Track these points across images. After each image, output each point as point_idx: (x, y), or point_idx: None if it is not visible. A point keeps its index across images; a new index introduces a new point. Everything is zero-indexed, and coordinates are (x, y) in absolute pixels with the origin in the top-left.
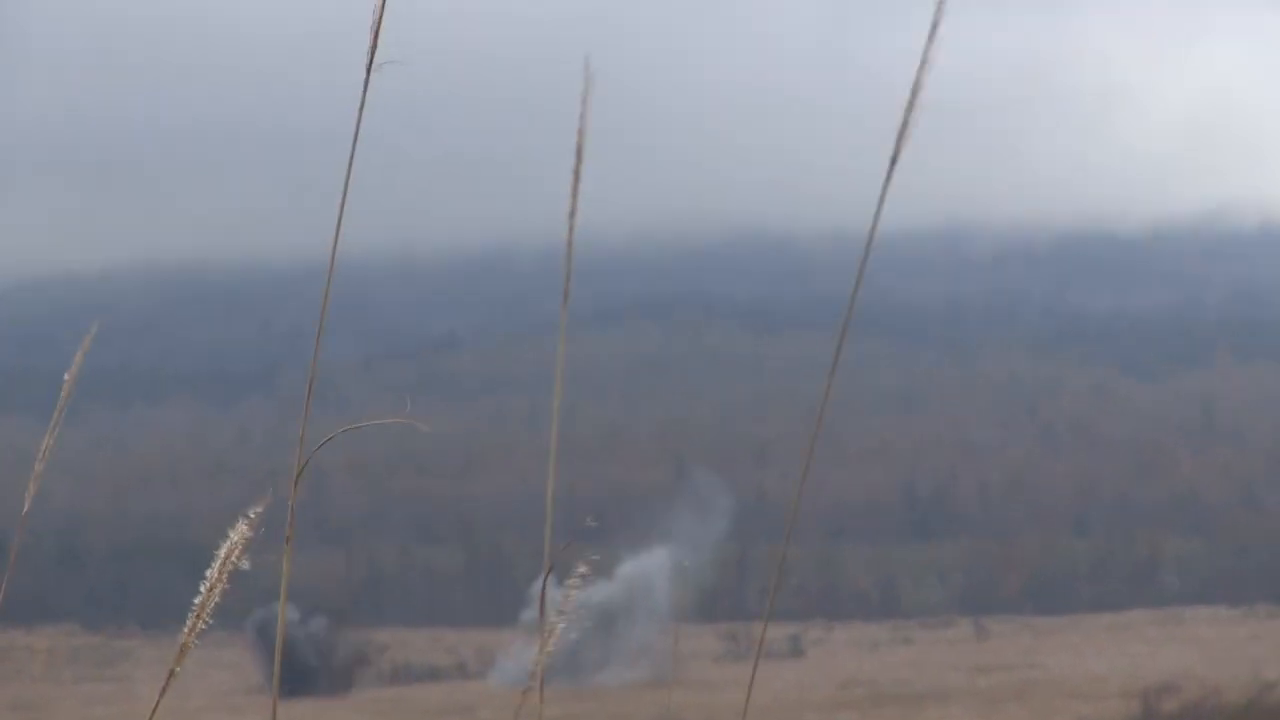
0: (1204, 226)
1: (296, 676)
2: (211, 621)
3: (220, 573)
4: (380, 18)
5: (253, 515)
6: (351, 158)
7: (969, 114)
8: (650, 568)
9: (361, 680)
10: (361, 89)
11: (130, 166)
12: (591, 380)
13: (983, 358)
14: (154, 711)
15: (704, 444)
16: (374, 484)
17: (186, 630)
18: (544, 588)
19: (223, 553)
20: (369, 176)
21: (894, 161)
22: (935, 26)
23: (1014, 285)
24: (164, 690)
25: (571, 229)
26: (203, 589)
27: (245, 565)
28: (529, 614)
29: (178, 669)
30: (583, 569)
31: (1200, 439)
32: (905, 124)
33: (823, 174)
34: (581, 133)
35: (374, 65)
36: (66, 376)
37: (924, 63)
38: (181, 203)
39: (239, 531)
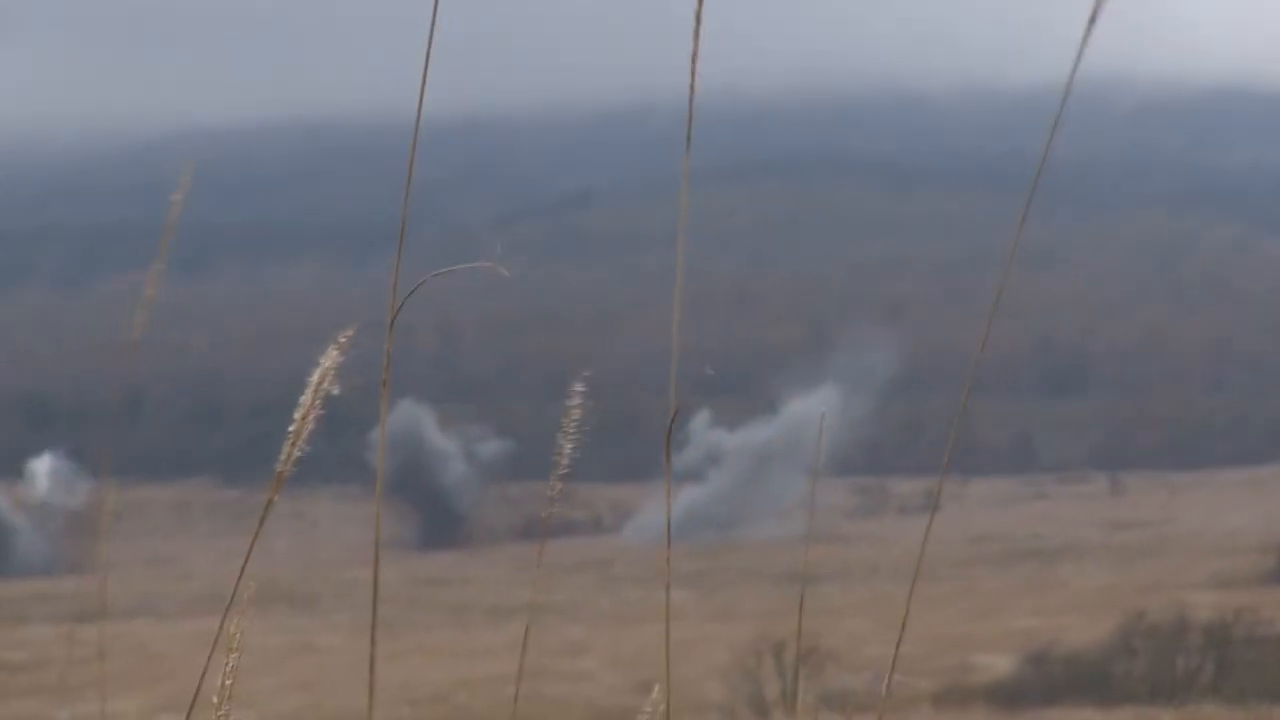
0: None
1: (438, 530)
2: (303, 464)
3: (313, 399)
4: None
5: (342, 341)
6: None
7: None
8: (788, 424)
9: (498, 535)
10: None
11: (267, 22)
12: (724, 236)
13: (1120, 214)
14: (254, 539)
15: (836, 301)
16: (508, 340)
17: (282, 459)
18: (668, 442)
19: (315, 378)
20: (508, 30)
21: (1093, 20)
22: None
23: (1153, 140)
24: (262, 520)
25: (694, 77)
26: (297, 416)
27: (335, 391)
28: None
29: (275, 498)
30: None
31: None
32: None
33: (956, 28)
34: None
35: None
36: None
37: None
38: (318, 57)
39: (329, 357)
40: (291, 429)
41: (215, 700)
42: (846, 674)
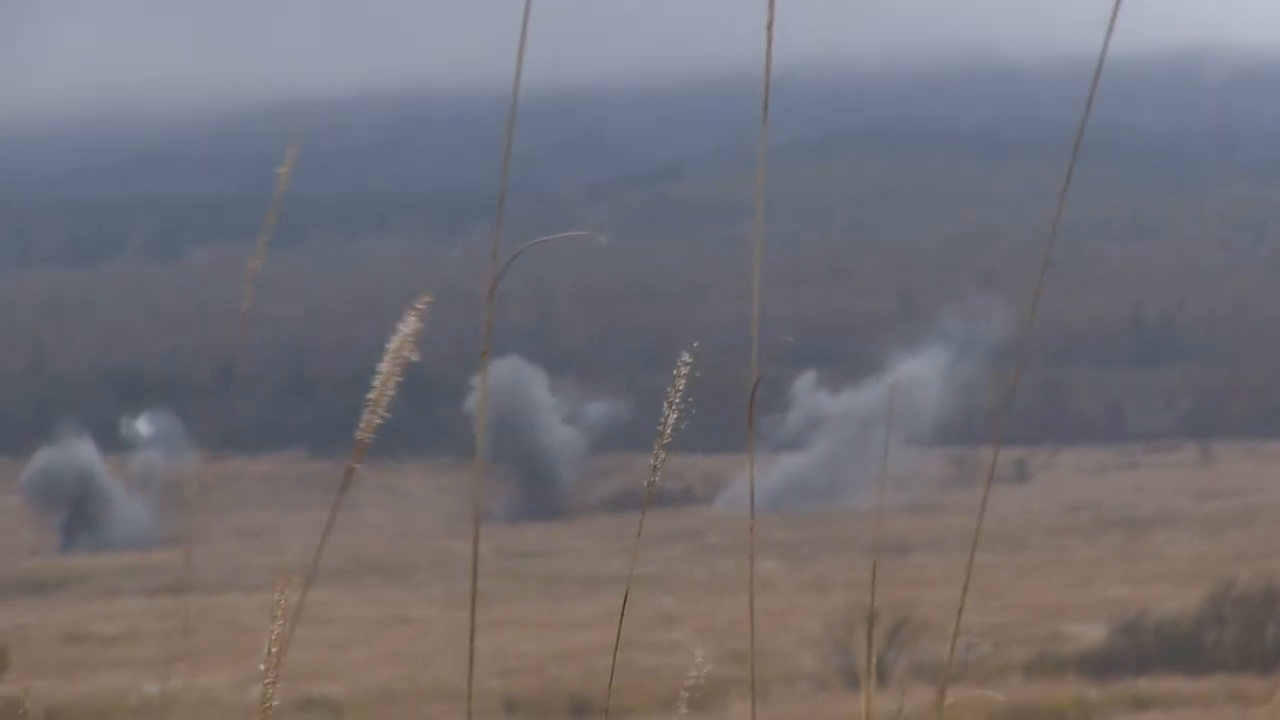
0: None
1: (531, 501)
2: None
3: (392, 366)
4: None
5: (420, 307)
6: None
7: None
8: (886, 394)
9: (591, 506)
10: None
11: None
12: (816, 207)
13: (1211, 184)
14: (335, 509)
15: (929, 272)
16: (601, 311)
17: (362, 426)
18: (750, 413)
19: (393, 346)
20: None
21: None
22: None
23: (1245, 110)
24: (343, 488)
25: (770, 44)
26: (376, 383)
27: (415, 358)
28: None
29: (356, 465)
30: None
31: None
32: None
33: None
34: None
35: None
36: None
37: None
38: (410, 27)
39: (408, 324)
40: (371, 397)
41: (263, 669)
42: (939, 644)
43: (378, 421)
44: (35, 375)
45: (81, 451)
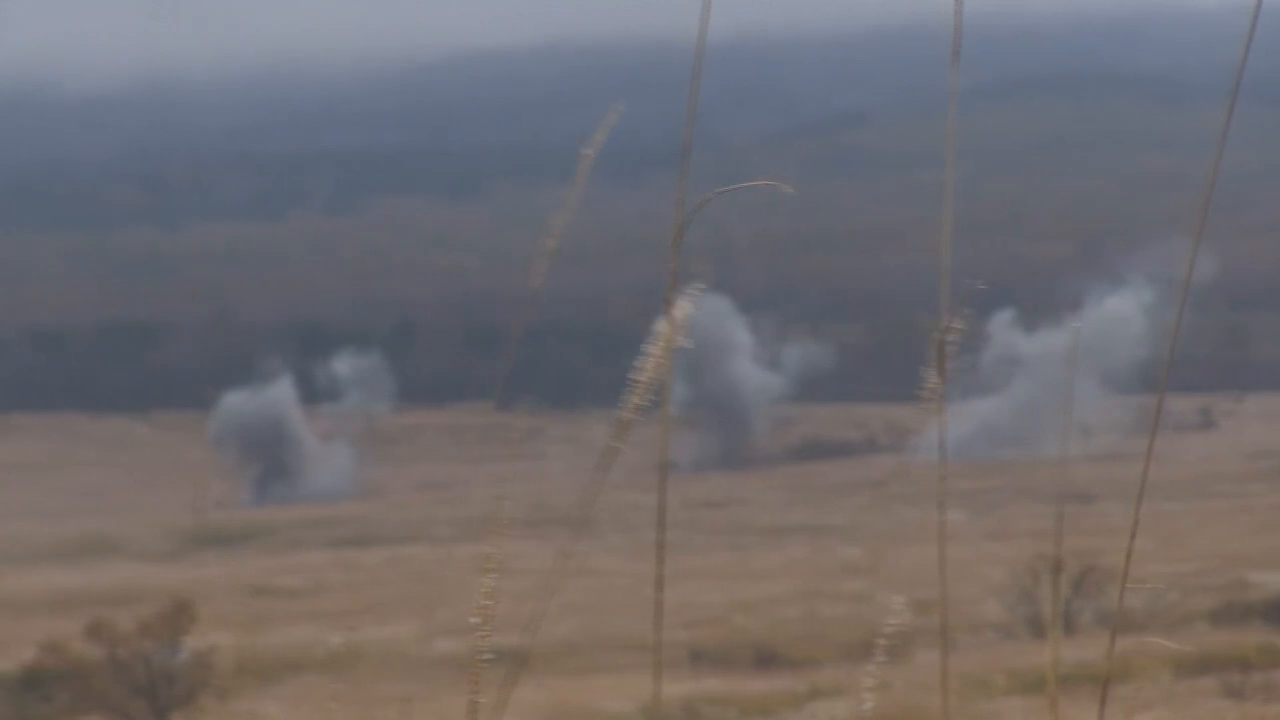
0: None
1: (718, 450)
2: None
3: (663, 350)
4: None
5: (693, 292)
6: None
7: None
8: (1087, 330)
9: (774, 456)
10: None
11: None
12: (997, 153)
13: None
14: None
15: (1110, 218)
16: (781, 260)
17: (627, 407)
18: (940, 361)
19: (663, 328)
20: None
21: None
22: None
23: None
24: (606, 466)
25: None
26: (643, 363)
27: (688, 344)
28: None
29: (620, 446)
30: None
31: None
32: None
33: None
34: None
35: None
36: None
37: None
38: None
39: (680, 308)
40: (637, 378)
41: (475, 621)
42: (1127, 594)
43: (642, 403)
44: (220, 328)
45: (274, 403)
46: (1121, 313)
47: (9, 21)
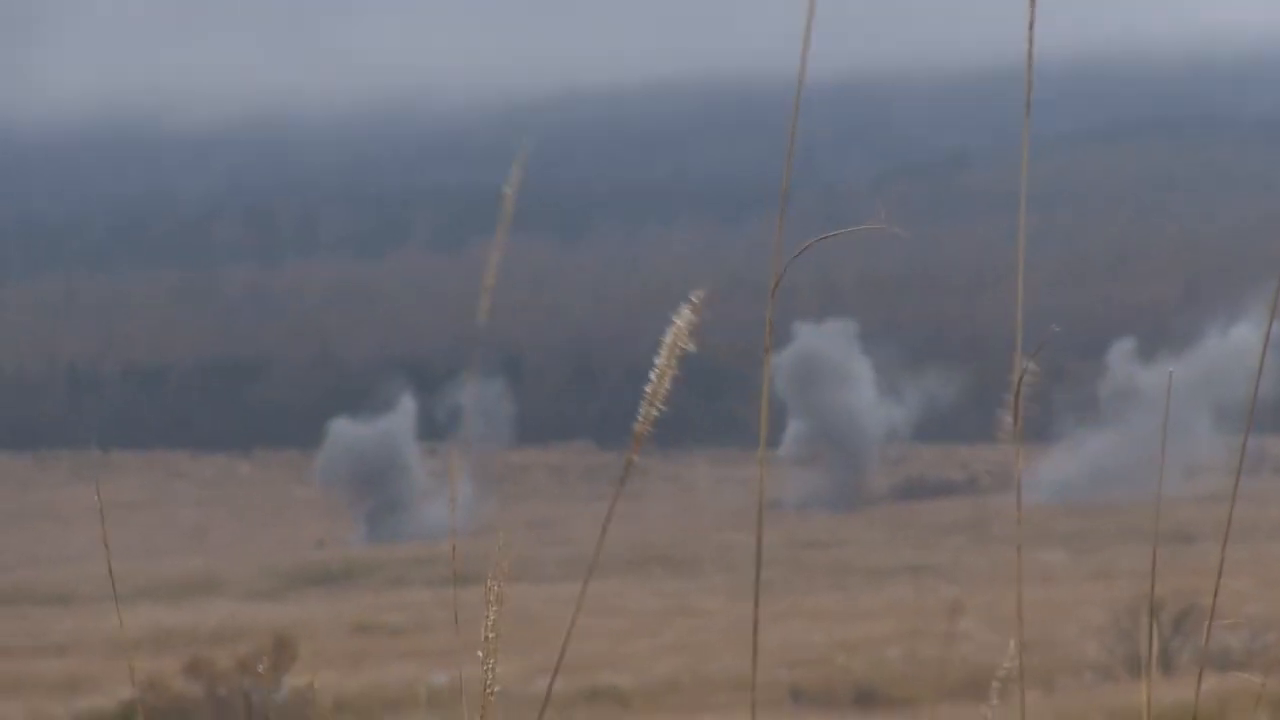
0: None
1: (823, 489)
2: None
3: (668, 359)
4: None
5: (695, 301)
6: None
7: None
8: (1204, 365)
9: (878, 495)
10: None
11: None
12: (1101, 196)
13: None
14: (614, 500)
15: (1217, 262)
16: (885, 302)
17: (640, 419)
18: (1016, 406)
19: (669, 339)
20: None
21: None
22: None
23: None
24: (623, 480)
25: (1030, 44)
26: (653, 375)
27: (692, 348)
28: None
29: (635, 458)
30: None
31: None
32: None
33: None
34: None
35: None
36: (506, 191)
37: None
38: (693, 16)
39: (683, 316)
40: (647, 390)
41: (480, 655)
42: (1226, 633)
43: (655, 414)
44: (322, 365)
45: (388, 435)
46: (1244, 345)
47: (118, 54)
